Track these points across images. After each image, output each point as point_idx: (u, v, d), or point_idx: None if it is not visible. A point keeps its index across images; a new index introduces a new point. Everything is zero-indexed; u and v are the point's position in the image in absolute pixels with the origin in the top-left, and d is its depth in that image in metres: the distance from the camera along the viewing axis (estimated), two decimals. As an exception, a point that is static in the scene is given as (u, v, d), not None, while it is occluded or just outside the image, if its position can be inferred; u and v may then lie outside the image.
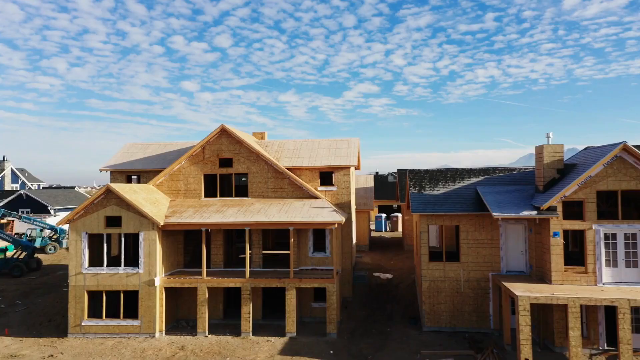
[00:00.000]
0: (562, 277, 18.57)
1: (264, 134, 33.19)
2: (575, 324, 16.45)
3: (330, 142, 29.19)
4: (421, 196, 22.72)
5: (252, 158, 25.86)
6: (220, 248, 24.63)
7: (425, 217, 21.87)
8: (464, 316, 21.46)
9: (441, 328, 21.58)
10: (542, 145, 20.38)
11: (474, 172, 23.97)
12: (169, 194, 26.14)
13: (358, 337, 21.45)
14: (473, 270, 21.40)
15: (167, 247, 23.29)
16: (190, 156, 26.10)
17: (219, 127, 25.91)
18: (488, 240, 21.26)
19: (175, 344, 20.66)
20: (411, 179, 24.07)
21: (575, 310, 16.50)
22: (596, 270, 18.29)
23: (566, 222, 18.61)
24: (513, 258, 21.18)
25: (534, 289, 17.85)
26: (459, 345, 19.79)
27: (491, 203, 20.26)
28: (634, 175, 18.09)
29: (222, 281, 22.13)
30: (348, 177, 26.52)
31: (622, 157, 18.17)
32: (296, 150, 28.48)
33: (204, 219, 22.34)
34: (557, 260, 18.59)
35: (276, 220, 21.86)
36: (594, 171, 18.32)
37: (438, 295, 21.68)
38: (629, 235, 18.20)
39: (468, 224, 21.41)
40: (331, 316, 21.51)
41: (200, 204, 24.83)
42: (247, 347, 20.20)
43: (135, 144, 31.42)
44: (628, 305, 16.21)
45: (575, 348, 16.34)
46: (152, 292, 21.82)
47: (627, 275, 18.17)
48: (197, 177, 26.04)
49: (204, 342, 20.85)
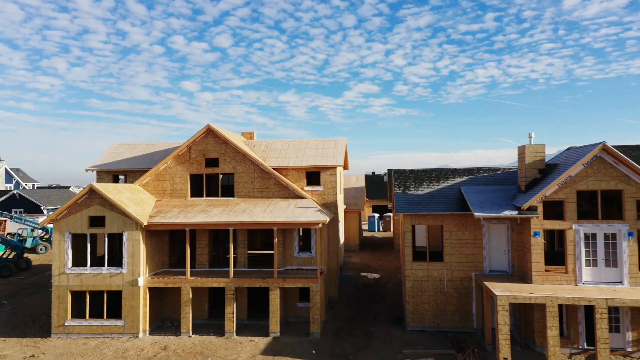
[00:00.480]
0: (542, 276, 18.62)
1: (252, 134, 33.22)
2: (553, 324, 16.50)
3: (318, 142, 29.20)
4: (405, 196, 22.75)
5: (238, 158, 25.85)
6: (206, 248, 24.63)
7: (409, 217, 21.91)
8: (447, 316, 21.50)
9: (425, 328, 21.61)
10: (524, 145, 20.43)
11: (459, 172, 24.01)
12: (155, 193, 26.11)
13: (342, 337, 21.48)
14: (456, 270, 21.44)
15: (152, 247, 23.27)
16: (177, 156, 26.09)
17: (205, 126, 25.89)
18: (471, 240, 21.31)
19: (158, 344, 20.66)
20: (396, 179, 24.10)
21: (553, 309, 16.55)
22: (576, 270, 18.34)
23: (547, 222, 18.66)
24: (496, 258, 21.23)
25: (514, 289, 17.89)
26: (441, 345, 19.83)
27: (473, 203, 20.31)
28: (613, 175, 18.15)
29: (206, 281, 22.13)
30: (334, 177, 26.54)
31: (602, 157, 18.23)
32: (283, 150, 28.49)
33: (187, 219, 22.33)
34: (538, 260, 18.64)
35: (259, 220, 21.87)
36: (574, 171, 18.37)
37: (422, 295, 21.71)
38: (608, 235, 18.26)
39: (451, 224, 21.45)
40: (315, 316, 21.53)
41: (186, 203, 24.82)
42: (230, 347, 20.21)
43: (122, 143, 31.38)
44: (605, 305, 16.27)
45: (553, 347, 16.39)
46: (136, 292, 21.80)
47: (606, 274, 18.23)
48: (183, 177, 26.02)
49: (187, 342, 20.85)
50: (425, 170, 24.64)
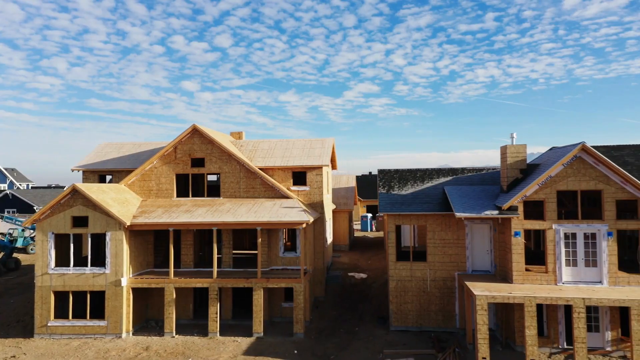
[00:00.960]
0: (523, 276, 18.65)
1: (241, 134, 33.19)
2: (531, 323, 16.53)
3: (305, 142, 29.19)
4: (389, 196, 22.76)
5: (224, 158, 25.83)
6: (191, 248, 24.60)
7: (392, 217, 21.92)
8: (430, 315, 21.53)
9: (408, 327, 21.63)
10: (505, 145, 20.46)
11: (443, 173, 24.03)
12: (141, 194, 26.07)
13: (325, 336, 21.48)
14: (439, 269, 21.46)
15: (136, 247, 23.23)
16: (162, 156, 26.05)
17: (191, 126, 25.85)
18: (454, 239, 21.33)
19: (140, 345, 20.62)
20: (381, 179, 24.11)
21: (531, 309, 16.58)
22: (556, 270, 18.38)
23: (527, 222, 18.69)
24: (479, 257, 21.26)
25: (494, 288, 17.92)
26: (424, 345, 19.84)
27: (455, 203, 20.33)
28: (593, 175, 18.19)
29: (189, 281, 22.10)
30: (320, 177, 26.54)
31: (582, 158, 18.26)
32: (270, 150, 28.48)
33: (171, 219, 22.30)
34: (518, 260, 18.67)
35: (243, 220, 21.86)
36: (554, 171, 18.41)
37: (405, 295, 21.73)
38: (588, 235, 18.30)
39: (435, 224, 21.47)
40: (298, 316, 21.52)
41: (171, 204, 24.78)
42: (212, 347, 20.19)
43: (109, 143, 31.32)
44: (583, 305, 16.31)
45: (531, 347, 16.42)
46: (119, 293, 21.76)
47: (586, 274, 18.27)
48: (169, 176, 25.98)
49: (169, 343, 20.82)
50: (410, 170, 24.66)
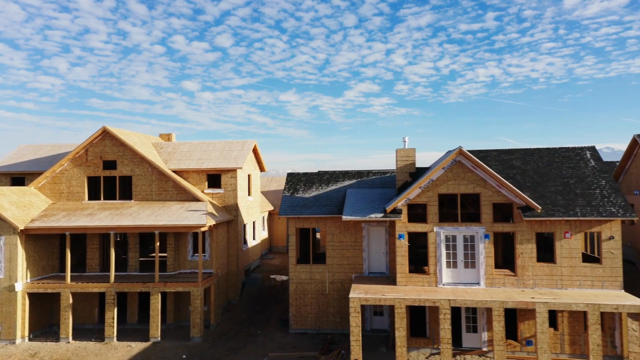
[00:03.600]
0: (406, 278, 18.94)
1: (170, 136, 32.91)
2: (400, 324, 16.79)
3: (225, 145, 29.11)
4: (292, 199, 22.85)
5: (136, 160, 25.56)
6: (96, 252, 24.27)
7: (293, 220, 22.01)
8: (328, 317, 21.68)
9: (307, 330, 21.74)
10: (398, 149, 20.76)
11: (349, 175, 24.25)
12: (52, 196, 25.60)
13: (224, 340, 21.44)
14: (338, 272, 21.64)
15: (36, 251, 22.80)
16: (73, 158, 25.63)
17: (101, 128, 25.50)
18: (352, 242, 21.53)
19: (30, 351, 20.24)
20: (287, 182, 24.20)
21: (401, 310, 16.84)
22: (437, 272, 18.71)
23: (410, 225, 18.99)
24: (375, 260, 21.51)
25: (372, 290, 18.14)
26: (316, 347, 19.97)
27: (348, 206, 20.53)
28: (471, 179, 18.59)
29: (86, 286, 21.79)
30: (235, 180, 26.49)
31: (461, 162, 18.65)
32: (189, 152, 28.30)
33: (69, 223, 21.95)
34: (402, 262, 18.95)
35: (140, 224, 21.66)
36: (435, 174, 18.75)
37: (304, 298, 21.84)
38: (467, 237, 18.69)
39: (333, 227, 21.63)
40: (195, 320, 21.43)
41: (78, 207, 24.39)
42: (102, 353, 19.94)
43: (28, 145, 30.69)
44: (448, 306, 16.64)
45: (400, 348, 16.67)
46: (13, 298, 21.31)
47: (465, 276, 18.66)
48: (80, 179, 25.57)
49: (60, 349, 20.49)
50: (318, 173, 24.81)
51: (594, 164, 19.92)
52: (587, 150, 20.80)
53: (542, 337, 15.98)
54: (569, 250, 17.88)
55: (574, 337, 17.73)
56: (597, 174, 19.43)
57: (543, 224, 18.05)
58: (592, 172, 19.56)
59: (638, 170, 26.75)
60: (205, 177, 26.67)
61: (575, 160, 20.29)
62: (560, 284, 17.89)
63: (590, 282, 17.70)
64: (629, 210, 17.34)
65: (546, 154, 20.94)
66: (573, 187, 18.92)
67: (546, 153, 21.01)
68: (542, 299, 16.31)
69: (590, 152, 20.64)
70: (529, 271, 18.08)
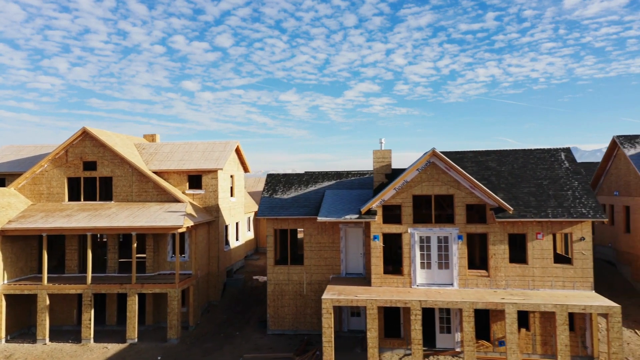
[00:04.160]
0: (381, 279, 19.00)
1: (155, 136, 32.86)
2: (372, 325, 16.85)
3: (207, 145, 29.08)
4: (271, 200, 22.87)
5: (116, 161, 25.50)
6: (75, 253, 24.21)
7: (271, 221, 22.02)
8: (306, 318, 21.71)
9: (284, 331, 21.76)
10: (374, 150, 20.83)
11: (328, 176, 24.29)
12: (32, 197, 25.51)
13: (201, 341, 21.42)
14: (316, 273, 21.67)
15: (14, 252, 22.72)
16: (53, 159, 25.55)
17: (81, 129, 25.42)
18: (330, 243, 21.56)
19: (5, 353, 20.16)
20: (267, 183, 24.21)
21: (372, 312, 16.90)
22: (411, 273, 18.79)
23: (385, 226, 19.06)
24: (353, 261, 21.56)
25: (346, 292, 18.19)
26: (291, 348, 19.99)
27: (324, 207, 20.57)
28: (445, 180, 18.68)
29: (63, 287, 21.73)
30: (216, 181, 26.47)
31: (435, 163, 18.73)
32: (171, 153, 28.26)
33: (46, 224, 21.88)
34: (377, 263, 19.01)
35: (117, 225, 21.62)
36: (409, 176, 18.83)
37: (282, 299, 21.86)
38: (441, 239, 18.78)
39: (311, 228, 21.66)
40: (172, 322, 21.41)
41: (57, 208, 24.31)
42: (77, 355, 19.90)
43: (10, 146, 30.57)
44: (419, 307, 16.71)
45: (372, 349, 16.73)
46: (-11, 300, 21.23)
47: (439, 276, 18.74)
48: (60, 180, 25.49)
49: (36, 350, 20.43)
50: (298, 174, 24.83)
51: (568, 165, 20.06)
52: (562, 151, 20.94)
53: (511, 338, 16.08)
54: (540, 251, 17.99)
55: (545, 337, 17.84)
56: (570, 175, 19.57)
57: (515, 225, 18.17)
58: (565, 173, 19.69)
59: (618, 171, 26.93)
60: (186, 178, 26.64)
61: (549, 162, 20.42)
62: (532, 284, 18.00)
63: (562, 283, 17.82)
64: (599, 212, 17.47)
65: (521, 156, 21.06)
66: (546, 188, 19.04)
67: (521, 154, 21.13)
68: (511, 299, 16.42)
69: (565, 154, 20.78)
70: (502, 272, 18.18)
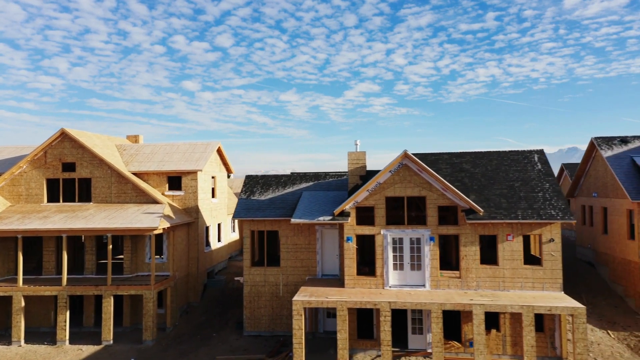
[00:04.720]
0: (354, 280, 19.08)
1: (138, 137, 32.84)
2: (342, 327, 16.91)
3: (188, 146, 29.07)
4: (248, 201, 22.90)
5: (95, 162, 25.45)
6: (52, 254, 24.15)
7: (247, 223, 22.06)
8: (282, 320, 21.74)
9: (260, 332, 21.79)
10: (349, 152, 20.91)
11: (306, 178, 24.35)
12: (10, 199, 25.42)
13: (177, 343, 21.42)
14: (292, 274, 21.71)
15: (-10, 254, 22.62)
16: (32, 160, 25.48)
17: (59, 130, 25.35)
18: (306, 244, 21.61)
19: (-22, 355, 20.09)
20: (245, 184, 24.23)
21: (342, 313, 16.97)
22: (384, 274, 18.87)
23: (358, 228, 19.13)
24: (329, 262, 21.61)
25: (318, 293, 18.24)
26: (265, 349, 20.02)
27: (299, 208, 20.61)
28: (417, 182, 18.78)
29: (38, 289, 21.66)
30: (195, 182, 26.48)
31: (407, 165, 18.83)
32: (151, 154, 28.22)
33: (21, 225, 21.81)
34: (350, 265, 19.08)
35: (92, 226, 21.58)
36: (382, 177, 18.91)
37: (258, 300, 21.89)
38: (414, 240, 18.87)
39: (287, 229, 21.70)
40: (147, 323, 21.39)
41: (35, 209, 24.24)
42: (51, 356, 19.85)
43: (-10, 147, 30.41)
44: (388, 308, 16.79)
45: (341, 350, 16.79)
46: (-37, 302, 21.14)
47: (412, 278, 18.84)
48: (39, 181, 25.42)
49: (10, 352, 20.36)
50: (276, 175, 24.89)
51: (540, 167, 20.22)
52: (535, 153, 21.10)
53: (479, 339, 16.19)
54: (511, 253, 18.13)
55: (515, 338, 17.97)
56: (542, 177, 19.73)
57: (486, 227, 18.29)
58: (537, 175, 19.85)
59: (596, 172, 27.15)
60: (166, 179, 26.63)
61: (522, 164, 20.57)
62: (503, 285, 18.14)
63: (532, 284, 17.97)
64: (568, 213, 17.62)
65: (495, 157, 21.20)
66: (518, 190, 19.19)
67: (495, 156, 21.28)
68: (479, 301, 16.54)
69: (538, 156, 20.94)
70: (473, 273, 18.31)
